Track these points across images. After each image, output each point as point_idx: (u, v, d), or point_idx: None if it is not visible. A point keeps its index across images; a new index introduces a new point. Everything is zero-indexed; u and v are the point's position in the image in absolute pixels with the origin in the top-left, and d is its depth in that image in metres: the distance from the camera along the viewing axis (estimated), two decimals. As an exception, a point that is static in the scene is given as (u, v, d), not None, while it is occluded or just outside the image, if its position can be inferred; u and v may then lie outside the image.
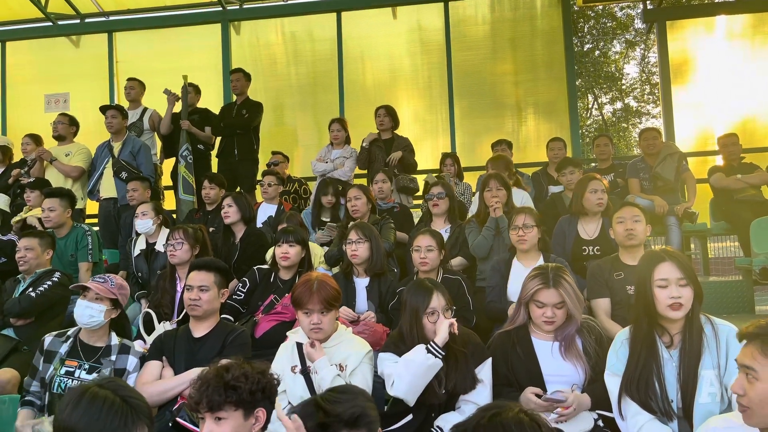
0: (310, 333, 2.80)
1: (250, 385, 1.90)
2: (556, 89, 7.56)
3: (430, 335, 2.69)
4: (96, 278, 3.18)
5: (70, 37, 8.19)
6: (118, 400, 1.64)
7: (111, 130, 6.14)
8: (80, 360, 3.03)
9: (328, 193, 5.38)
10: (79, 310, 3.03)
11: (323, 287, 2.80)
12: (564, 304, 2.66)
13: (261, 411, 1.94)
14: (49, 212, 4.71)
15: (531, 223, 3.67)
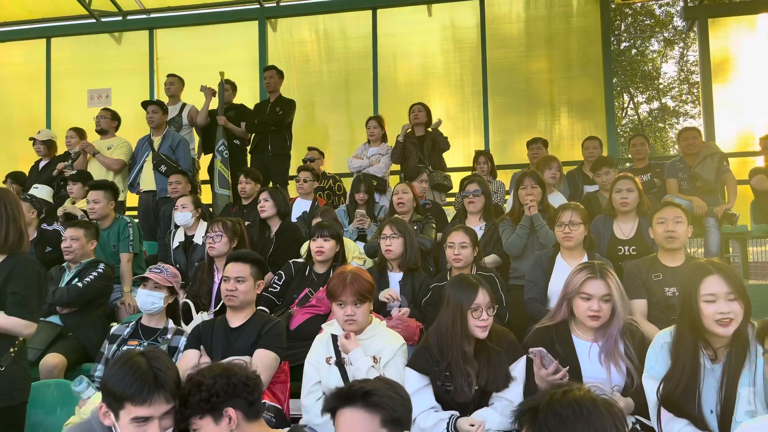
0: (344, 325, 2.85)
1: (200, 395, 1.91)
2: (593, 88, 7.47)
3: (473, 331, 2.68)
4: (152, 269, 3.46)
5: (112, 33, 8.40)
6: (147, 369, 1.85)
7: (151, 125, 6.29)
8: (140, 340, 3.35)
9: (360, 190, 5.43)
10: (142, 298, 3.38)
11: (357, 280, 2.84)
12: (610, 298, 2.62)
13: (230, 410, 1.93)
14: (94, 204, 4.86)
15: (578, 220, 3.61)
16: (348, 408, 1.76)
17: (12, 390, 2.63)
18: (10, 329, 2.60)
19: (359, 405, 1.74)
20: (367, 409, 1.74)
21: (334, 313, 2.92)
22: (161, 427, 1.87)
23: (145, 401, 1.84)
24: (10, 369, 2.61)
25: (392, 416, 1.75)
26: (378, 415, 1.74)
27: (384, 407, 1.74)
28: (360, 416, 1.74)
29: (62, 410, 3.33)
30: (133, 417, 1.84)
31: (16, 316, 2.59)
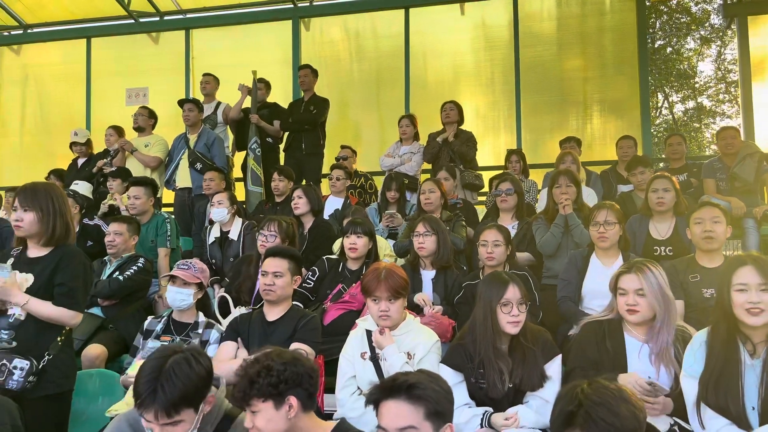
0: (378, 320, 2.87)
1: (269, 379, 1.94)
2: (627, 86, 7.36)
3: (504, 327, 2.69)
4: (179, 266, 3.49)
5: (149, 33, 8.58)
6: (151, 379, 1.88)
7: (188, 123, 6.41)
8: (173, 335, 3.37)
9: (391, 189, 5.46)
10: (171, 296, 3.40)
11: (391, 276, 2.86)
12: (645, 293, 2.60)
13: (292, 398, 1.97)
14: (134, 200, 4.98)
15: (613, 220, 3.58)
16: (392, 400, 1.79)
17: (59, 378, 2.72)
18: (57, 319, 2.69)
19: (403, 397, 1.78)
20: (410, 402, 1.77)
21: (368, 308, 2.95)
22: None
23: (140, 407, 1.90)
24: (57, 357, 2.70)
25: (435, 409, 1.78)
26: (422, 408, 1.77)
27: (427, 400, 1.78)
28: (404, 408, 1.77)
29: (104, 399, 3.43)
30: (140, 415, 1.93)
31: (63, 307, 2.69)
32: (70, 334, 2.84)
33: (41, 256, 2.75)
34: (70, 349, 2.88)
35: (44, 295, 2.68)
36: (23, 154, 9.03)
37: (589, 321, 2.85)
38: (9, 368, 2.55)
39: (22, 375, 2.56)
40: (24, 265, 2.74)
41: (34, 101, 9.06)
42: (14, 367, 2.56)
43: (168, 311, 3.53)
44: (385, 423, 1.78)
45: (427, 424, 1.76)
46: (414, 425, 1.75)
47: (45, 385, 2.65)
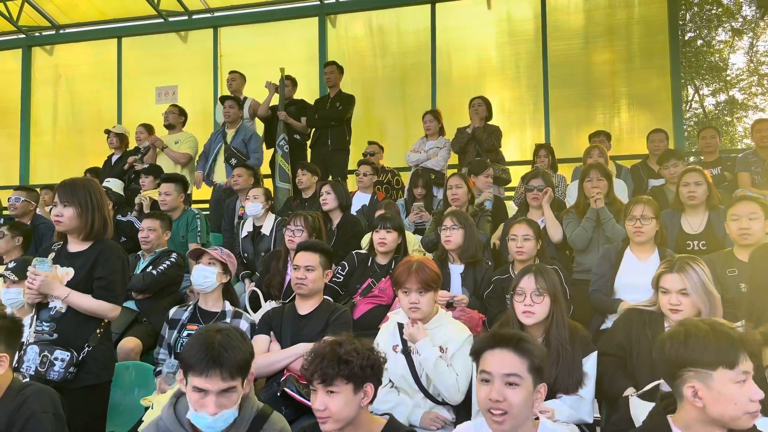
0: (408, 312, 2.86)
1: (360, 361, 1.98)
2: (658, 79, 7.24)
3: (519, 316, 2.69)
4: (209, 248, 3.52)
5: (178, 32, 8.70)
6: (213, 344, 1.92)
7: (228, 119, 6.50)
8: (199, 324, 3.34)
9: (418, 185, 5.46)
10: (196, 273, 3.40)
11: (422, 268, 2.86)
12: (688, 292, 2.58)
13: (369, 386, 2.02)
14: (165, 196, 5.06)
15: (650, 215, 3.52)
16: (499, 349, 1.94)
17: (98, 369, 2.78)
18: (97, 311, 2.76)
19: (511, 348, 1.93)
20: (518, 353, 1.92)
21: (399, 300, 2.95)
22: (217, 403, 1.92)
23: (201, 373, 1.91)
24: (96, 349, 2.77)
25: (538, 365, 1.93)
26: (527, 361, 1.92)
27: (533, 355, 1.93)
28: (511, 357, 1.92)
29: (140, 391, 3.53)
30: (194, 386, 1.94)
31: (103, 300, 2.75)
32: (109, 326, 2.90)
33: (81, 251, 2.81)
34: (109, 341, 2.94)
35: (84, 289, 2.75)
36: (55, 153, 9.24)
37: (632, 308, 2.86)
38: (50, 359, 2.62)
39: (62, 366, 2.63)
40: (64, 259, 2.81)
41: (66, 101, 9.26)
42: (55, 358, 2.63)
43: (194, 301, 3.51)
44: (492, 368, 1.92)
45: (529, 377, 1.91)
46: (519, 374, 1.90)
47: (85, 376, 2.72)
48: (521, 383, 1.90)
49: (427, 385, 2.81)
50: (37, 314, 2.75)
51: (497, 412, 1.88)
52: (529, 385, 1.91)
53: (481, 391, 1.94)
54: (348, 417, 1.99)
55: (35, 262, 2.71)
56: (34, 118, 9.26)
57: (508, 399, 1.88)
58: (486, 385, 1.93)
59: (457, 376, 2.75)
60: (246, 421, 2.06)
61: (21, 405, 2.06)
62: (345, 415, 1.98)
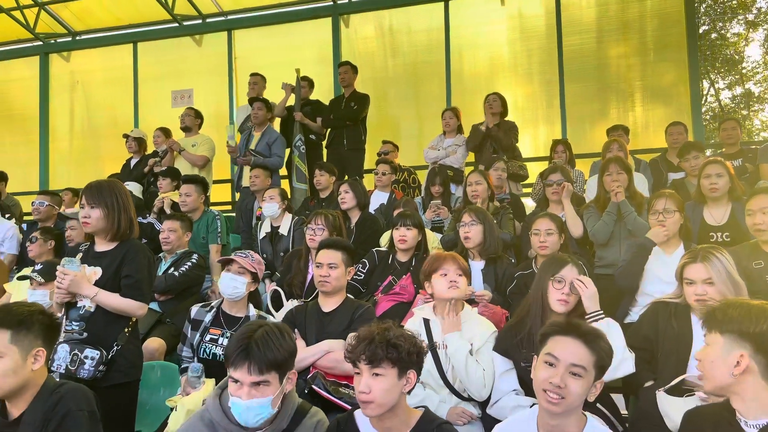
0: (447, 291, 2.87)
1: (408, 346, 2.00)
2: (675, 72, 7.19)
3: (553, 305, 2.69)
4: (239, 253, 3.45)
5: (193, 36, 8.76)
6: (247, 339, 1.99)
7: (256, 121, 6.53)
8: (222, 329, 3.31)
9: (436, 183, 5.45)
10: (224, 282, 3.30)
11: (455, 257, 2.97)
12: (714, 281, 2.56)
13: (412, 373, 2.04)
14: (186, 197, 5.10)
15: (672, 208, 3.49)
16: (571, 337, 1.96)
17: (127, 367, 2.81)
18: (125, 310, 2.79)
19: (584, 341, 1.95)
20: (587, 346, 1.95)
21: (434, 285, 2.94)
22: (249, 394, 1.95)
23: (233, 365, 1.98)
24: (125, 348, 2.80)
25: (603, 363, 1.96)
26: (594, 356, 1.94)
27: (601, 351, 1.95)
28: (582, 349, 1.94)
29: (165, 390, 3.53)
30: (230, 375, 2.00)
31: (130, 298, 2.78)
32: (137, 325, 2.93)
33: (108, 251, 2.85)
34: (137, 340, 2.97)
35: (111, 288, 2.78)
36: (72, 159, 9.35)
37: (657, 301, 2.85)
38: (80, 358, 2.65)
39: (92, 364, 2.66)
40: (92, 259, 2.84)
41: (82, 106, 9.36)
42: (85, 357, 2.66)
43: (218, 301, 3.46)
44: (560, 354, 1.94)
45: (593, 371, 1.94)
46: (585, 367, 1.92)
47: (114, 375, 2.74)
48: (584, 375, 1.93)
49: (452, 381, 2.81)
50: (66, 314, 2.79)
51: (554, 397, 1.91)
52: (591, 379, 1.94)
53: (542, 372, 1.97)
54: (390, 402, 2.00)
55: (64, 262, 2.74)
56: (51, 125, 9.37)
57: (568, 387, 1.91)
58: (549, 368, 1.96)
59: (484, 371, 2.75)
60: (287, 415, 2.09)
61: (57, 403, 2.08)
62: (388, 400, 1.99)
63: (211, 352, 3.23)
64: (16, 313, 2.12)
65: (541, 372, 1.97)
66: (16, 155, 9.38)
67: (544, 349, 2.00)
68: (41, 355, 2.14)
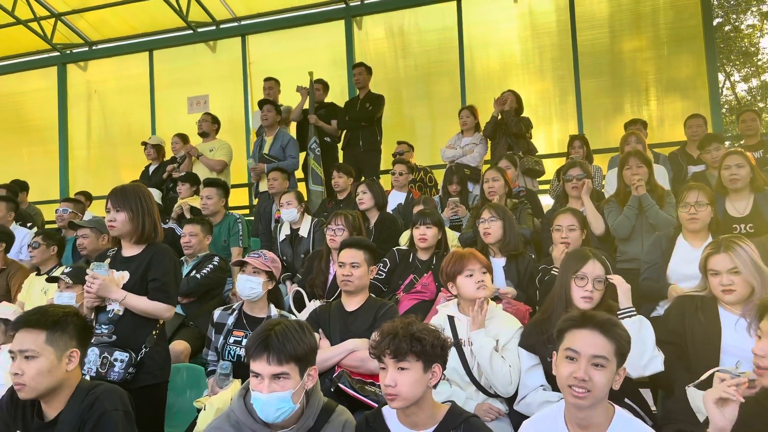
0: (476, 292, 2.87)
1: (432, 339, 2.02)
2: (692, 64, 7.12)
3: (576, 301, 2.67)
4: (251, 254, 3.47)
5: (207, 42, 8.82)
6: (266, 333, 2.02)
7: (265, 124, 6.58)
8: (245, 330, 3.32)
9: (453, 182, 5.46)
10: (241, 284, 3.33)
11: (475, 254, 2.95)
12: (739, 271, 2.54)
13: (437, 366, 2.05)
14: (207, 200, 5.14)
15: (704, 201, 3.43)
16: (588, 330, 1.96)
17: (156, 369, 2.84)
18: (153, 312, 2.82)
19: (602, 330, 1.95)
20: (605, 336, 1.95)
21: (460, 286, 2.94)
22: (269, 387, 1.97)
23: (253, 357, 2.00)
24: (153, 350, 2.83)
25: (623, 350, 1.97)
26: (614, 344, 1.95)
27: (619, 339, 1.96)
28: (600, 339, 1.94)
29: (191, 392, 3.57)
30: (250, 369, 2.02)
31: (158, 300, 2.82)
32: (164, 328, 2.97)
33: (135, 255, 2.89)
34: (165, 342, 3.00)
35: (139, 291, 2.82)
36: (90, 167, 9.46)
37: (683, 295, 2.81)
38: (110, 360, 2.69)
39: (122, 367, 2.70)
40: (119, 263, 2.88)
41: (100, 115, 9.46)
42: (115, 359, 2.70)
43: (239, 304, 3.48)
44: (580, 347, 1.94)
45: (614, 360, 1.94)
46: (606, 356, 1.93)
47: (143, 377, 2.78)
48: (607, 365, 1.93)
49: (478, 377, 2.81)
50: (95, 317, 2.83)
51: (581, 391, 1.90)
52: (613, 368, 1.95)
53: (564, 368, 1.96)
54: (416, 396, 2.01)
55: (93, 267, 2.78)
56: (70, 134, 9.49)
57: (593, 379, 1.90)
58: (571, 363, 1.95)
59: (510, 367, 2.75)
60: (313, 414, 2.10)
61: (92, 403, 2.12)
62: (414, 394, 2.01)
63: (236, 354, 3.25)
64: (51, 315, 2.16)
65: (563, 368, 1.97)
66: (33, 165, 9.52)
67: (562, 344, 2.00)
68: (75, 356, 2.18)
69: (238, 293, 3.44)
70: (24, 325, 2.15)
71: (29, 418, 2.19)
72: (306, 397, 2.11)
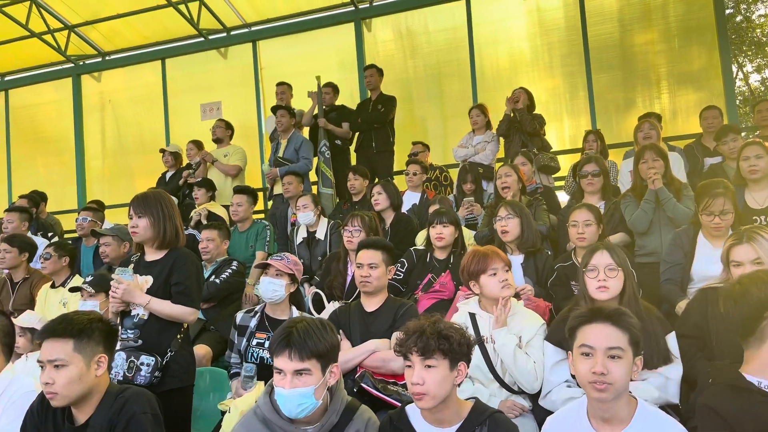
0: (501, 291, 2.87)
1: (459, 337, 2.03)
2: (705, 55, 7.07)
3: (592, 293, 2.67)
4: (274, 257, 3.50)
5: (218, 49, 8.88)
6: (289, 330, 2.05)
7: (280, 129, 6.63)
8: (268, 332, 3.33)
9: (467, 180, 5.45)
10: (264, 286, 3.36)
11: (496, 251, 2.96)
12: (762, 262, 2.53)
13: (463, 364, 2.06)
14: (237, 207, 5.22)
15: (730, 209, 3.34)
16: (599, 323, 1.98)
17: (181, 373, 2.88)
18: (177, 316, 2.86)
19: (612, 322, 1.97)
20: (619, 327, 1.97)
21: (484, 286, 2.94)
22: (292, 383, 2.00)
23: (275, 353, 2.04)
24: (178, 354, 2.87)
25: (637, 339, 1.98)
26: (627, 335, 1.96)
27: (632, 329, 1.97)
28: (613, 331, 1.96)
29: (215, 395, 3.61)
30: (273, 367, 2.05)
31: (181, 304, 2.86)
32: (188, 332, 3.00)
33: (157, 259, 2.93)
34: (189, 345, 3.04)
35: (163, 295, 2.86)
36: (106, 176, 9.54)
37: (704, 288, 2.79)
38: (137, 364, 2.73)
39: (148, 371, 2.73)
40: (142, 268, 2.93)
41: (114, 124, 9.55)
42: (141, 363, 2.74)
43: (261, 306, 3.51)
44: (594, 342, 1.96)
45: (630, 349, 1.96)
46: (621, 347, 1.94)
47: (169, 380, 2.81)
48: (623, 356, 1.94)
49: (502, 374, 2.81)
50: (121, 322, 2.87)
51: (601, 385, 1.90)
52: (630, 358, 1.95)
53: (582, 365, 1.97)
54: (443, 394, 2.02)
55: (118, 271, 2.83)
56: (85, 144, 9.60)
57: (611, 372, 1.91)
58: (587, 359, 1.96)
59: (534, 363, 2.75)
60: (336, 411, 2.11)
61: (122, 407, 2.15)
62: (441, 392, 2.02)
63: (259, 356, 3.28)
64: (76, 323, 2.19)
65: (580, 365, 1.97)
66: (49, 176, 9.63)
67: (576, 342, 2.01)
68: (103, 361, 2.21)
69: (261, 295, 3.47)
70: (51, 335, 2.18)
71: (60, 423, 2.23)
72: (329, 395, 2.14)
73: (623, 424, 1.96)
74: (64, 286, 4.63)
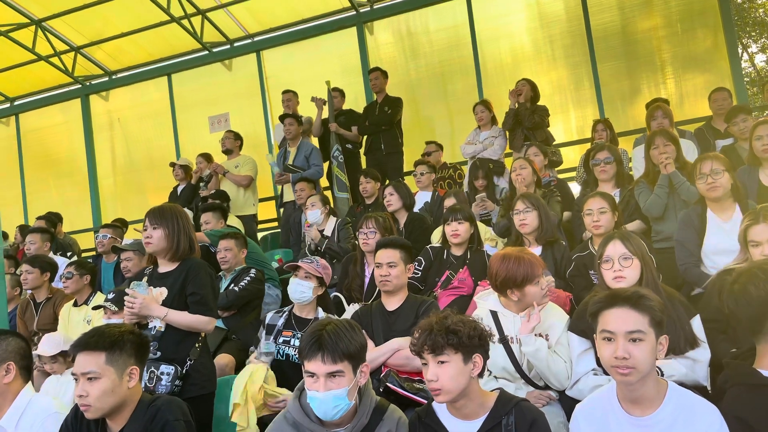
0: (543, 299, 2.81)
1: (468, 330, 2.04)
2: (710, 37, 7.03)
3: (610, 284, 2.65)
4: (304, 259, 3.60)
5: (223, 61, 8.95)
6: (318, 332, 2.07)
7: (288, 137, 6.68)
8: (294, 330, 3.47)
9: (478, 177, 5.45)
10: (293, 287, 3.49)
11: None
12: None
13: (478, 356, 2.06)
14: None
15: (720, 168, 3.39)
16: (618, 308, 1.98)
17: (201, 381, 2.89)
18: (194, 326, 2.88)
19: (631, 305, 1.97)
20: (638, 310, 1.96)
21: (528, 294, 2.80)
22: (326, 386, 2.01)
23: (307, 357, 2.05)
24: (198, 362, 2.89)
25: (659, 319, 1.97)
26: (648, 316, 1.96)
27: (653, 309, 1.97)
28: (632, 314, 1.96)
29: (240, 404, 3.62)
30: (305, 369, 2.07)
31: (198, 314, 2.88)
32: (206, 340, 3.03)
33: (170, 271, 2.96)
34: (208, 354, 3.06)
35: (178, 306, 2.88)
36: (117, 194, 9.66)
37: (723, 270, 2.77)
38: (157, 374, 2.75)
39: (169, 380, 2.76)
40: (156, 280, 2.96)
41: (123, 141, 9.66)
42: (161, 373, 2.76)
43: (290, 307, 3.63)
44: (614, 327, 1.96)
45: (651, 331, 1.95)
46: (642, 330, 1.94)
47: (190, 388, 2.83)
48: (645, 338, 1.94)
49: (528, 372, 2.80)
50: (138, 335, 2.89)
51: (625, 369, 1.91)
52: (652, 339, 1.95)
53: (604, 350, 1.97)
54: (459, 388, 2.03)
55: (133, 286, 2.85)
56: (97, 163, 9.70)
57: (633, 355, 1.91)
58: (609, 344, 1.96)
59: (565, 363, 2.74)
60: (366, 412, 2.13)
61: (154, 415, 2.17)
62: (456, 386, 2.02)
63: (284, 353, 3.38)
64: (108, 335, 2.22)
65: (603, 350, 1.98)
66: (63, 197, 9.75)
67: (598, 327, 2.02)
68: (135, 372, 2.24)
69: (289, 296, 3.59)
70: (83, 348, 2.21)
71: (94, 435, 2.26)
72: (359, 396, 2.15)
73: (654, 406, 1.96)
74: (87, 304, 4.72)
